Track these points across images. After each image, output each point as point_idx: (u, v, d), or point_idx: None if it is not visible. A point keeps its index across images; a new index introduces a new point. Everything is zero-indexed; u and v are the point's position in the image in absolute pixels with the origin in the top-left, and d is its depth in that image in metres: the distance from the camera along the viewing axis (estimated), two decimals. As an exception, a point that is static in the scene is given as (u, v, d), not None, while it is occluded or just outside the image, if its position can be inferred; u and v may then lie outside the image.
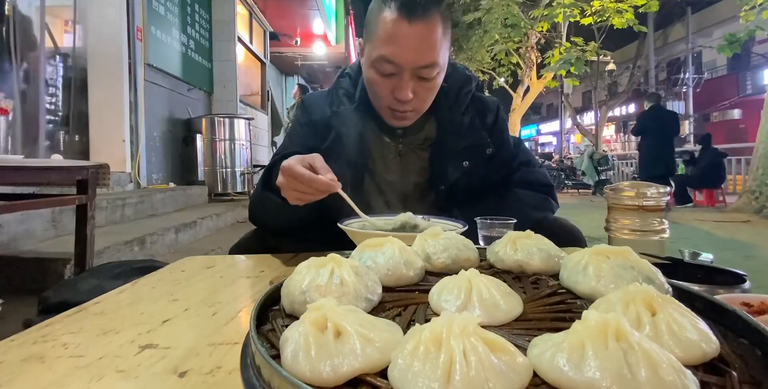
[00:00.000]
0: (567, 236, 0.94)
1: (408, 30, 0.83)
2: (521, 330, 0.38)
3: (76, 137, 3.89)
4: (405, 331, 0.34)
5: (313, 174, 0.72)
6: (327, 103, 1.02)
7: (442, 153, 1.00)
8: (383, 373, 0.29)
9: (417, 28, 0.83)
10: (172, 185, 4.72)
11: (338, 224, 0.81)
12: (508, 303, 0.40)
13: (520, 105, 12.66)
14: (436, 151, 1.01)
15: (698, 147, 7.67)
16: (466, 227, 0.80)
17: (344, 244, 0.79)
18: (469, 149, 0.99)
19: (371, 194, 0.99)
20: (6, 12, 2.97)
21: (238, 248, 0.97)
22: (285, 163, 0.74)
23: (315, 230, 0.92)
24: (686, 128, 17.35)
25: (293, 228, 0.93)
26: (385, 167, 1.01)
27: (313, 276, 0.43)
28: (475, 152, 0.99)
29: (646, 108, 6.69)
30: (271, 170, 0.84)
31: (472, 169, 0.99)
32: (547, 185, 1.06)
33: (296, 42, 9.05)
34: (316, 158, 0.75)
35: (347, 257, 0.47)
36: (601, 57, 10.97)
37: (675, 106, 17.89)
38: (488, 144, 1.00)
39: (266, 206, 0.88)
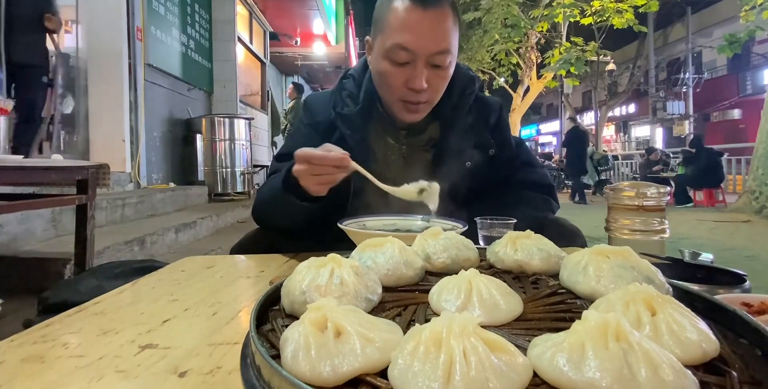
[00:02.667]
0: (567, 236, 0.94)
1: (422, 17, 0.84)
2: (521, 330, 0.38)
3: (76, 137, 3.90)
4: (405, 331, 0.34)
5: (323, 152, 0.74)
6: (330, 104, 1.01)
7: (445, 154, 1.00)
8: (383, 373, 0.29)
9: (431, 15, 0.85)
10: (172, 185, 4.72)
11: (338, 224, 0.81)
12: (508, 303, 0.40)
13: (520, 105, 12.65)
14: (439, 151, 1.01)
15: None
16: (466, 227, 0.80)
17: (344, 244, 0.79)
18: (472, 150, 1.00)
19: (374, 195, 0.99)
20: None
21: (240, 248, 0.97)
22: (298, 151, 0.76)
23: (315, 230, 0.92)
24: (686, 128, 17.36)
25: (297, 230, 0.93)
26: (388, 168, 1.01)
27: (313, 276, 0.43)
28: (478, 152, 1.00)
29: (569, 128, 9.48)
30: (288, 174, 0.83)
31: (475, 169, 0.99)
32: (547, 185, 1.06)
33: (296, 42, 9.05)
34: (327, 144, 0.78)
35: (347, 257, 0.47)
36: (601, 57, 10.98)
37: (675, 106, 17.92)
38: (491, 145, 1.01)
39: (281, 206, 0.87)
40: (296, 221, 0.91)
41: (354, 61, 11.61)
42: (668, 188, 0.76)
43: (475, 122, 1.01)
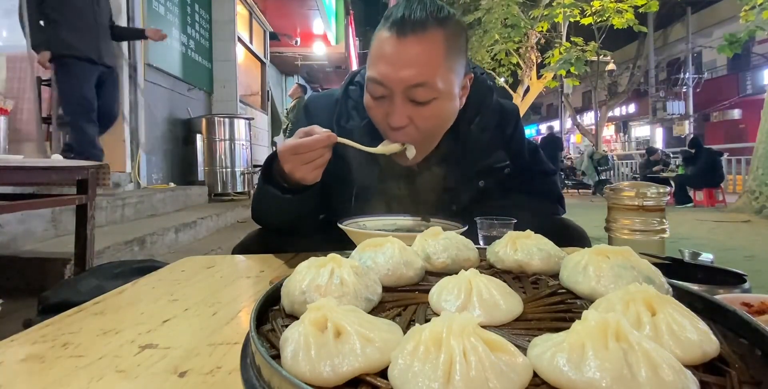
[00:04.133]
0: (572, 237, 0.93)
1: (396, 46, 0.76)
2: (521, 330, 0.38)
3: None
4: (405, 331, 0.34)
5: (306, 138, 0.73)
6: (334, 115, 0.94)
7: (458, 172, 0.94)
8: (383, 373, 0.29)
9: (407, 44, 0.76)
10: (172, 185, 4.73)
11: (338, 224, 0.81)
12: (508, 303, 0.40)
13: (520, 105, 12.65)
14: (452, 170, 0.94)
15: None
16: (466, 227, 0.80)
17: (344, 244, 0.79)
18: (486, 169, 0.94)
19: (380, 212, 0.95)
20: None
21: (241, 248, 0.97)
22: (279, 150, 0.74)
23: (315, 230, 0.92)
24: (686, 128, 17.37)
25: (295, 228, 0.93)
26: (396, 184, 0.94)
27: (313, 276, 0.43)
28: (493, 172, 0.94)
29: (545, 134, 11.78)
30: (269, 166, 0.83)
31: (488, 188, 0.95)
32: (557, 195, 1.03)
33: (296, 42, 9.05)
34: (301, 130, 0.75)
35: (347, 257, 0.47)
36: (601, 57, 10.99)
37: (675, 106, 17.93)
38: (507, 165, 0.95)
39: (270, 203, 0.87)
40: (285, 217, 0.89)
41: (354, 61, 11.61)
42: (668, 188, 0.76)
43: (492, 137, 0.94)
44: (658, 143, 18.00)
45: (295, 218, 0.90)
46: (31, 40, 2.82)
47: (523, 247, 0.55)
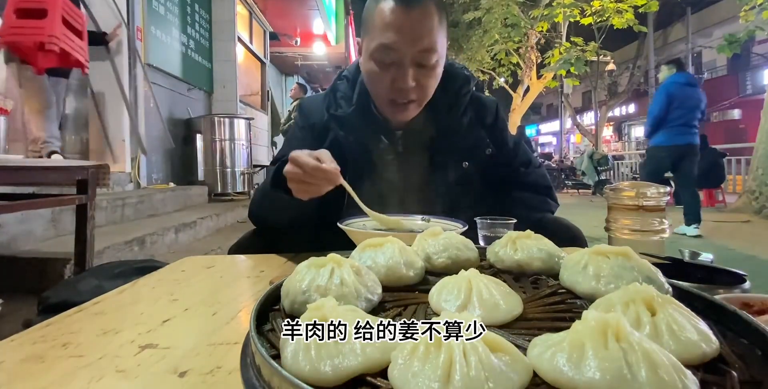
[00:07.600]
0: (567, 236, 0.93)
1: (404, 16, 0.86)
2: (521, 330, 0.38)
3: (76, 137, 3.89)
4: (405, 331, 0.34)
5: (317, 163, 0.73)
6: (324, 106, 1.02)
7: (441, 154, 1.01)
8: (383, 373, 0.29)
9: (413, 14, 0.86)
10: (172, 185, 4.72)
11: (338, 224, 0.81)
12: (508, 302, 0.40)
13: (520, 105, 12.66)
14: (436, 152, 1.01)
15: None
16: (466, 227, 0.80)
17: (344, 244, 0.79)
18: (469, 150, 1.00)
19: (370, 196, 0.98)
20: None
21: (238, 248, 0.97)
22: (293, 153, 0.76)
23: (315, 230, 0.92)
24: (686, 128, 17.33)
25: (293, 228, 0.93)
26: (384, 168, 1.01)
27: (313, 276, 0.43)
28: (475, 152, 1.00)
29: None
30: (279, 170, 0.84)
31: (472, 169, 1.00)
32: (545, 186, 1.06)
33: (296, 42, 9.04)
34: (323, 152, 0.77)
35: (347, 257, 0.47)
36: (601, 57, 10.98)
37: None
38: (487, 145, 1.01)
39: (271, 202, 0.89)
40: (288, 217, 0.90)
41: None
42: (668, 188, 0.76)
43: (472, 121, 1.01)
44: (658, 143, 17.95)
45: (295, 219, 0.91)
46: None
47: (523, 247, 0.55)
